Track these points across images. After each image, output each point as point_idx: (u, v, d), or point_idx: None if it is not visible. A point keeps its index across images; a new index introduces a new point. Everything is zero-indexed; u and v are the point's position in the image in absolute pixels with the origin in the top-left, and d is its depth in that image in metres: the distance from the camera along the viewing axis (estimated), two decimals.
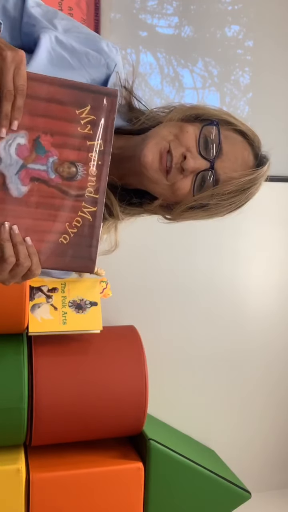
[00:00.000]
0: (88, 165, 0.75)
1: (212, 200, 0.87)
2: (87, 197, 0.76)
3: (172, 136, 0.86)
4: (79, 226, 0.76)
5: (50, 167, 0.74)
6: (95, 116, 0.74)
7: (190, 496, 2.03)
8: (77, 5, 2.14)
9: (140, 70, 2.31)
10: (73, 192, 0.75)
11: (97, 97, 0.74)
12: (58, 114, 0.73)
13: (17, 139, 0.72)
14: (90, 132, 0.74)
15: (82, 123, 0.74)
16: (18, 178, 0.73)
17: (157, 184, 0.88)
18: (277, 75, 2.45)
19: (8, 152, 0.72)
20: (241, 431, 2.56)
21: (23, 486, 1.80)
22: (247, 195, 0.90)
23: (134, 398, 1.92)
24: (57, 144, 0.74)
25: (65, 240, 0.76)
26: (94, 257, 0.77)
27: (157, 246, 2.34)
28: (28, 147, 0.73)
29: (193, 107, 0.93)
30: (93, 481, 1.88)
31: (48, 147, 0.73)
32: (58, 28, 0.88)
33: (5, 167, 0.72)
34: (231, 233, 2.45)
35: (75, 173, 0.75)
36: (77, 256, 0.76)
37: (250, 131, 0.92)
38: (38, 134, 0.73)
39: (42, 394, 1.82)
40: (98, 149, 0.75)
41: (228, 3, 2.38)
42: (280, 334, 2.57)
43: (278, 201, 2.49)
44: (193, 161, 0.85)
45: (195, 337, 2.45)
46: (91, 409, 1.89)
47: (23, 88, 0.70)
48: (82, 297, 1.97)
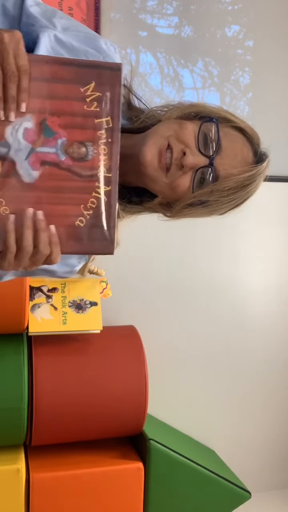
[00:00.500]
0: (98, 144, 0.73)
1: (211, 196, 0.87)
2: (100, 177, 0.73)
3: (171, 132, 0.87)
4: (95, 207, 0.73)
5: (60, 149, 0.72)
6: (100, 93, 0.72)
7: (190, 496, 2.03)
8: (77, 5, 2.14)
9: (140, 70, 2.31)
10: (85, 173, 0.73)
11: (101, 73, 0.72)
12: (62, 93, 0.71)
13: (24, 124, 0.70)
14: (97, 110, 0.72)
15: (87, 101, 0.72)
16: (28, 163, 0.71)
17: (156, 182, 0.88)
18: (277, 75, 2.45)
19: (16, 137, 0.70)
20: (241, 431, 2.56)
21: (23, 486, 1.80)
22: (246, 192, 0.89)
23: (134, 398, 1.92)
24: (64, 125, 0.72)
25: (82, 223, 0.73)
26: (112, 238, 0.75)
27: (157, 246, 2.34)
28: (35, 131, 0.71)
29: (192, 105, 0.93)
30: (93, 481, 1.88)
31: (55, 128, 0.71)
32: (57, 27, 0.88)
33: (14, 153, 0.70)
34: (231, 233, 2.45)
35: (86, 153, 0.73)
36: (95, 238, 0.74)
37: (249, 128, 0.92)
38: (44, 117, 0.71)
39: (42, 394, 1.82)
40: (107, 126, 0.73)
41: (228, 3, 2.38)
42: (280, 334, 2.57)
43: (278, 201, 2.49)
44: (192, 157, 0.85)
45: (195, 337, 2.45)
46: (91, 409, 1.89)
47: (26, 68, 0.68)
48: (82, 297, 1.97)
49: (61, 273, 0.95)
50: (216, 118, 0.88)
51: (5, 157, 0.70)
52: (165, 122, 0.90)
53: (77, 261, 0.95)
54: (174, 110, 0.92)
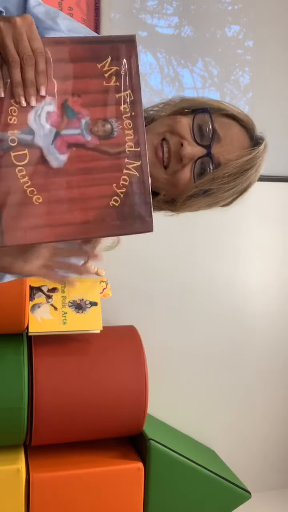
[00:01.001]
0: (121, 119, 0.71)
1: (213, 184, 0.87)
2: (129, 152, 0.72)
3: (165, 127, 0.87)
4: (127, 184, 0.72)
5: (84, 129, 0.70)
6: (117, 67, 0.71)
7: (190, 496, 2.03)
8: (77, 5, 2.14)
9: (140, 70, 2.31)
10: (113, 150, 0.71)
11: (116, 47, 0.71)
12: (79, 72, 0.70)
13: (46, 108, 0.69)
14: (117, 84, 0.71)
15: (106, 77, 0.71)
16: (55, 147, 0.70)
17: (157, 179, 0.88)
18: (277, 75, 2.45)
19: (39, 123, 0.69)
20: (241, 431, 2.56)
21: (23, 486, 1.80)
22: (247, 177, 0.89)
23: (134, 398, 1.92)
24: (86, 104, 0.70)
25: (116, 202, 0.71)
26: (151, 214, 0.73)
27: (157, 246, 2.34)
28: (58, 113, 0.70)
29: (183, 99, 0.93)
30: (93, 481, 1.88)
31: (78, 108, 0.70)
32: (61, 27, 0.88)
33: (39, 139, 0.69)
34: (231, 232, 2.45)
35: (111, 130, 0.71)
36: (132, 216, 0.72)
37: (242, 114, 0.92)
38: (65, 98, 0.70)
39: (42, 394, 1.82)
40: (128, 100, 0.72)
41: (228, 3, 2.38)
42: (280, 334, 2.57)
43: (278, 201, 2.49)
44: (190, 147, 0.85)
45: (195, 337, 2.45)
46: (91, 409, 1.89)
47: (41, 51, 0.68)
48: (82, 297, 1.97)
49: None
50: (209, 108, 0.89)
51: (31, 144, 0.69)
52: (159, 120, 0.90)
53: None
54: (166, 107, 0.93)
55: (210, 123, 0.87)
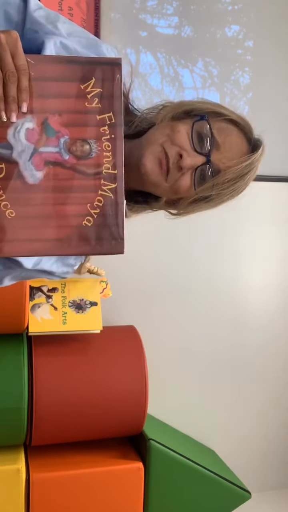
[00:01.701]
0: (101, 140, 0.72)
1: (213, 191, 0.89)
2: (105, 174, 0.72)
3: (164, 137, 0.88)
4: (102, 205, 0.72)
5: (63, 148, 0.71)
6: (101, 88, 0.71)
7: (190, 496, 2.03)
8: (77, 5, 2.14)
9: (140, 70, 2.31)
10: (90, 171, 0.72)
11: (101, 68, 0.71)
12: (62, 92, 0.71)
13: (25, 124, 0.70)
14: (99, 106, 0.72)
15: (88, 98, 0.71)
16: (32, 164, 0.70)
17: (158, 187, 0.89)
18: (277, 75, 2.45)
19: (18, 138, 0.70)
20: (241, 431, 2.56)
21: (23, 486, 1.80)
22: (246, 181, 0.90)
23: (134, 398, 1.92)
24: (66, 123, 0.71)
25: (89, 222, 0.72)
26: (122, 236, 0.73)
27: (157, 246, 2.35)
28: (37, 131, 0.70)
29: (180, 103, 0.94)
30: (93, 481, 1.88)
31: (57, 127, 0.71)
32: (61, 32, 0.87)
33: (17, 154, 0.70)
34: (231, 232, 2.45)
35: (89, 150, 0.72)
36: (104, 237, 0.73)
37: (240, 118, 0.93)
38: (46, 116, 0.70)
39: (42, 394, 1.82)
40: (109, 122, 0.72)
41: (228, 3, 2.38)
42: (280, 334, 2.57)
43: (277, 201, 2.49)
44: (190, 158, 0.86)
45: (195, 337, 2.45)
46: (91, 409, 1.89)
47: (25, 68, 0.68)
48: (82, 297, 1.97)
49: (60, 274, 0.95)
50: (207, 114, 0.89)
51: (8, 159, 0.70)
52: (157, 128, 0.90)
53: (74, 261, 0.95)
54: (164, 111, 0.93)
55: (209, 131, 0.87)
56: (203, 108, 0.91)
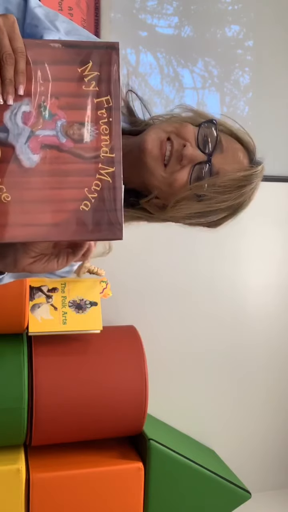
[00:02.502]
0: (98, 124, 0.71)
1: (207, 190, 0.89)
2: (103, 158, 0.71)
3: (172, 128, 0.90)
4: (99, 189, 0.71)
5: (60, 131, 0.70)
6: (98, 72, 0.71)
7: (190, 496, 2.03)
8: (77, 5, 2.14)
9: (140, 70, 2.31)
10: (88, 155, 0.70)
11: (98, 52, 0.71)
12: (59, 75, 0.70)
13: (22, 107, 0.69)
14: (96, 89, 0.71)
15: (86, 81, 0.71)
16: (28, 147, 0.69)
17: (154, 174, 0.89)
18: (277, 75, 2.45)
19: (14, 121, 0.69)
20: (241, 431, 2.56)
21: (23, 486, 1.80)
22: (241, 194, 0.91)
23: (134, 398, 1.92)
24: (63, 106, 0.70)
25: (87, 207, 0.71)
26: (120, 221, 0.71)
27: (157, 246, 2.34)
28: (34, 114, 0.69)
29: (193, 111, 0.97)
30: (93, 481, 1.88)
31: (54, 110, 0.70)
32: (60, 30, 0.88)
33: (13, 137, 0.69)
34: (231, 233, 2.43)
35: (86, 133, 0.71)
36: (102, 222, 0.71)
37: (245, 135, 0.95)
38: (43, 99, 0.70)
39: (42, 394, 1.82)
40: (107, 105, 0.71)
41: (228, 3, 2.38)
42: (280, 334, 2.57)
43: (278, 201, 2.49)
44: (192, 149, 0.88)
45: (195, 337, 2.45)
46: (91, 409, 1.89)
47: (22, 50, 0.68)
48: (82, 297, 1.97)
49: (60, 273, 0.95)
50: (216, 121, 0.92)
51: (4, 142, 0.69)
52: (167, 121, 0.94)
53: None
54: (175, 118, 0.96)
55: (215, 134, 0.90)
56: (213, 117, 0.94)
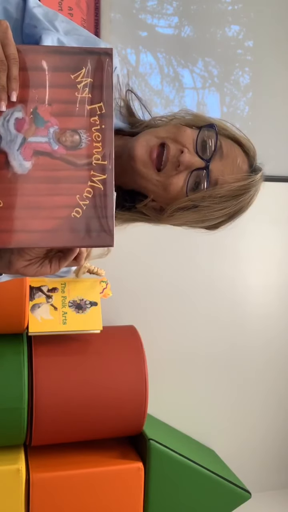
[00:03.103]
0: (91, 131, 0.71)
1: (203, 202, 0.87)
2: (95, 165, 0.71)
3: (169, 134, 0.87)
4: (91, 197, 0.71)
5: (52, 138, 0.70)
6: (91, 78, 0.70)
7: (190, 496, 2.03)
8: (77, 5, 2.14)
9: (140, 70, 2.31)
10: (80, 162, 0.71)
11: (91, 58, 0.70)
12: (52, 81, 0.70)
13: (15, 114, 0.69)
14: (89, 96, 0.71)
15: (79, 88, 0.70)
16: (20, 153, 0.69)
17: (147, 179, 0.88)
18: (277, 75, 2.45)
19: (7, 128, 0.69)
20: (241, 431, 2.56)
21: (23, 486, 1.80)
22: (238, 202, 0.89)
23: (134, 398, 1.92)
24: (56, 113, 0.70)
25: (78, 214, 0.71)
26: (111, 228, 0.72)
27: (157, 246, 2.34)
28: (26, 120, 0.69)
29: (193, 115, 0.94)
30: (93, 481, 1.88)
31: (47, 117, 0.70)
32: (59, 30, 0.88)
33: (6, 144, 0.69)
34: (231, 233, 2.43)
35: (79, 141, 0.71)
36: (93, 229, 0.71)
37: (247, 141, 0.93)
38: (35, 105, 0.70)
39: (42, 394, 1.82)
40: (99, 112, 0.71)
41: (228, 3, 2.38)
42: (280, 334, 2.57)
43: (278, 201, 2.49)
44: (190, 155, 0.85)
45: (195, 337, 2.45)
46: (91, 409, 1.89)
47: (15, 57, 0.67)
48: (82, 297, 1.97)
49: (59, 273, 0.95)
50: (216, 125, 0.89)
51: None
52: (163, 126, 0.90)
53: None
54: (174, 120, 0.93)
55: (214, 140, 0.87)
56: (213, 121, 0.91)
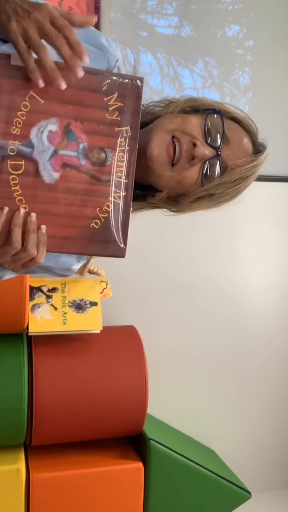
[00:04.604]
0: (116, 151, 0.77)
1: (219, 189, 0.88)
2: (117, 182, 0.77)
3: (175, 125, 0.87)
4: (110, 211, 0.77)
5: (81, 153, 0.75)
6: (122, 103, 0.76)
7: (190, 496, 2.03)
8: (77, 5, 2.14)
9: (140, 70, 2.31)
10: (103, 178, 0.77)
11: (124, 84, 0.76)
12: (87, 101, 0.75)
13: (49, 126, 0.74)
14: (118, 119, 0.76)
15: (110, 110, 0.76)
16: (50, 164, 0.74)
17: (162, 177, 0.88)
18: (277, 75, 2.45)
19: (40, 139, 0.73)
20: (241, 431, 2.56)
21: (23, 486, 1.80)
22: (247, 183, 0.91)
23: (134, 398, 1.92)
24: (86, 131, 0.75)
25: (96, 225, 0.77)
26: (125, 241, 0.79)
27: (157, 246, 2.35)
28: (59, 134, 0.74)
29: (190, 99, 0.94)
30: (93, 481, 1.88)
31: (78, 133, 0.75)
32: None
33: (37, 153, 0.74)
34: (231, 233, 2.45)
35: (105, 158, 0.76)
36: (108, 240, 0.78)
37: (245, 118, 0.93)
38: (69, 121, 0.74)
39: (42, 394, 1.82)
40: (126, 135, 0.77)
41: (228, 3, 2.38)
42: (280, 334, 2.57)
43: (278, 201, 2.49)
44: (203, 147, 0.86)
45: (195, 337, 2.45)
46: (91, 409, 1.89)
47: (64, 23, 0.68)
48: (82, 297, 1.97)
49: (59, 271, 0.95)
50: (219, 109, 0.89)
51: (29, 157, 0.73)
52: (166, 117, 0.90)
53: (76, 261, 0.95)
54: (173, 105, 0.93)
55: (221, 126, 0.87)
56: (213, 104, 0.91)
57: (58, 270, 0.95)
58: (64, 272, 0.97)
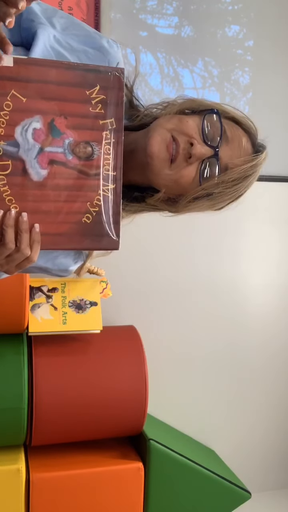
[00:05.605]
0: (102, 144, 0.77)
1: (217, 188, 0.88)
2: (105, 175, 0.77)
3: (172, 125, 0.87)
4: (101, 204, 0.78)
5: (67, 149, 0.75)
6: (104, 96, 0.76)
7: (190, 496, 2.03)
8: (77, 5, 2.14)
9: (140, 70, 2.31)
10: (91, 172, 0.77)
11: (105, 77, 0.76)
12: (69, 96, 0.75)
13: (33, 124, 0.73)
14: (102, 111, 0.76)
15: (93, 103, 0.76)
16: (37, 162, 0.74)
17: (160, 175, 0.88)
18: (277, 75, 2.45)
19: (25, 137, 0.73)
20: (241, 431, 2.56)
21: (23, 486, 1.80)
22: (248, 183, 0.91)
23: (134, 398, 1.92)
24: (71, 126, 0.75)
25: (88, 219, 0.78)
26: (118, 234, 0.79)
27: (157, 246, 2.35)
28: (44, 131, 0.74)
29: (188, 100, 0.94)
30: (93, 481, 1.88)
31: (63, 129, 0.75)
32: (56, 27, 0.88)
33: (23, 152, 0.73)
34: (231, 232, 2.45)
35: (91, 152, 0.76)
36: (101, 234, 0.78)
37: (244, 118, 0.93)
38: (52, 117, 0.74)
39: (42, 394, 1.82)
40: (111, 127, 0.77)
41: (228, 3, 2.38)
42: (280, 334, 2.57)
43: (278, 201, 2.49)
44: (200, 146, 0.86)
45: (195, 337, 2.45)
46: (91, 409, 1.89)
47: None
48: (82, 297, 1.97)
49: (56, 271, 0.95)
50: (218, 110, 0.89)
51: (15, 156, 0.73)
52: (164, 118, 0.90)
53: (73, 261, 0.95)
54: (170, 106, 0.93)
55: (219, 125, 0.87)
56: (211, 104, 0.91)
57: (56, 271, 0.96)
58: (61, 273, 0.97)
